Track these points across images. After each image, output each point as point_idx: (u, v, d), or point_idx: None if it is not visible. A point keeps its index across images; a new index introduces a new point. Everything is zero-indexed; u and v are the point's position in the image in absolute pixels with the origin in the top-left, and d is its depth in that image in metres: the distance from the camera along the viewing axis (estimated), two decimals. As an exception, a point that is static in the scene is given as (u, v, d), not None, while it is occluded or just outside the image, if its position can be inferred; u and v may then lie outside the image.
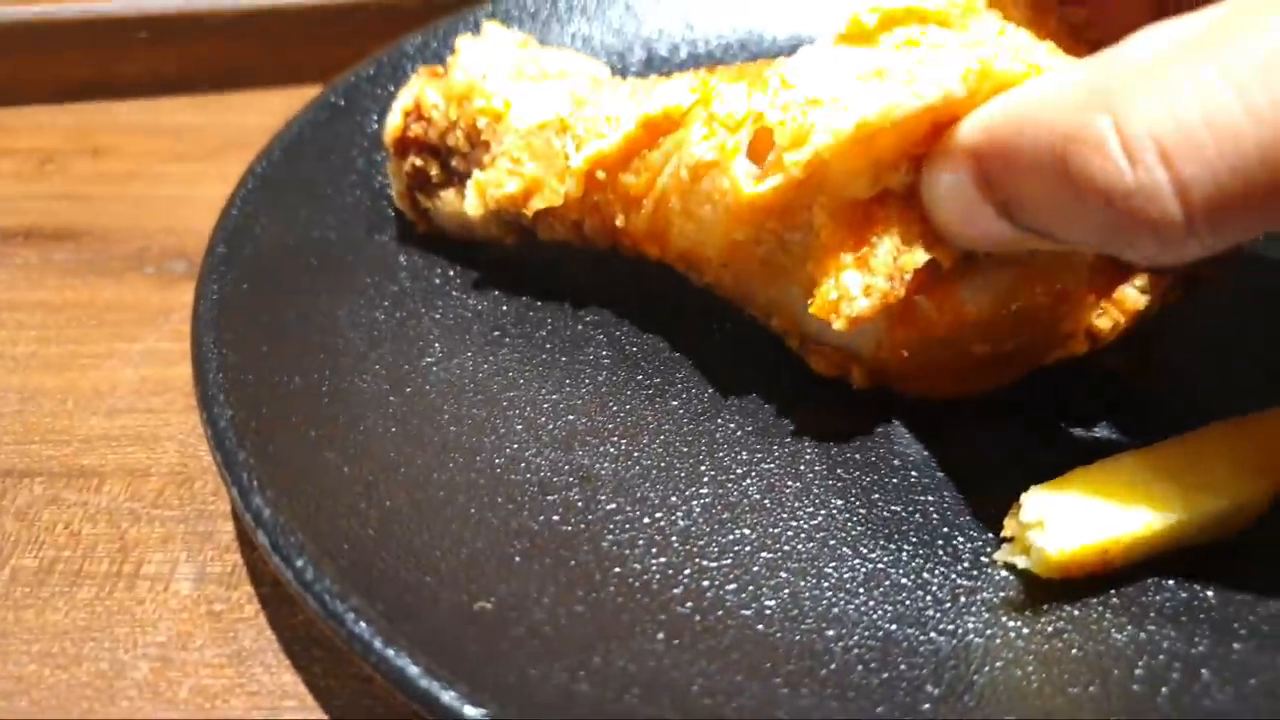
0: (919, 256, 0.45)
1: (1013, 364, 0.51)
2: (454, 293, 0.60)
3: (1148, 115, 0.34)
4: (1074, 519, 0.45)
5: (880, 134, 0.43)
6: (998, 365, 0.51)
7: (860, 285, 0.45)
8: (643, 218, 0.54)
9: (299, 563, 0.41)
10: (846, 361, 0.53)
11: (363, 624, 0.39)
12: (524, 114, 0.56)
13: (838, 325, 0.46)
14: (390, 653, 0.38)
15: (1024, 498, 0.46)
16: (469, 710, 0.37)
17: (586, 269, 0.62)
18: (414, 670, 0.38)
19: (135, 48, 0.84)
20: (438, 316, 0.58)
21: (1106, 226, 0.37)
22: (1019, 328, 0.49)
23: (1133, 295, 0.48)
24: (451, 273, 0.61)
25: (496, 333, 0.58)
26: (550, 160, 0.56)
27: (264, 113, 0.73)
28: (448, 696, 0.37)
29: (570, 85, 0.58)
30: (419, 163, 0.60)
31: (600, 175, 0.54)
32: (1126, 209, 0.35)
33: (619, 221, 0.55)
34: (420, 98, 0.60)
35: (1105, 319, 0.48)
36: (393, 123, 0.60)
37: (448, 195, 0.60)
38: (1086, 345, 0.49)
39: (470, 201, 0.58)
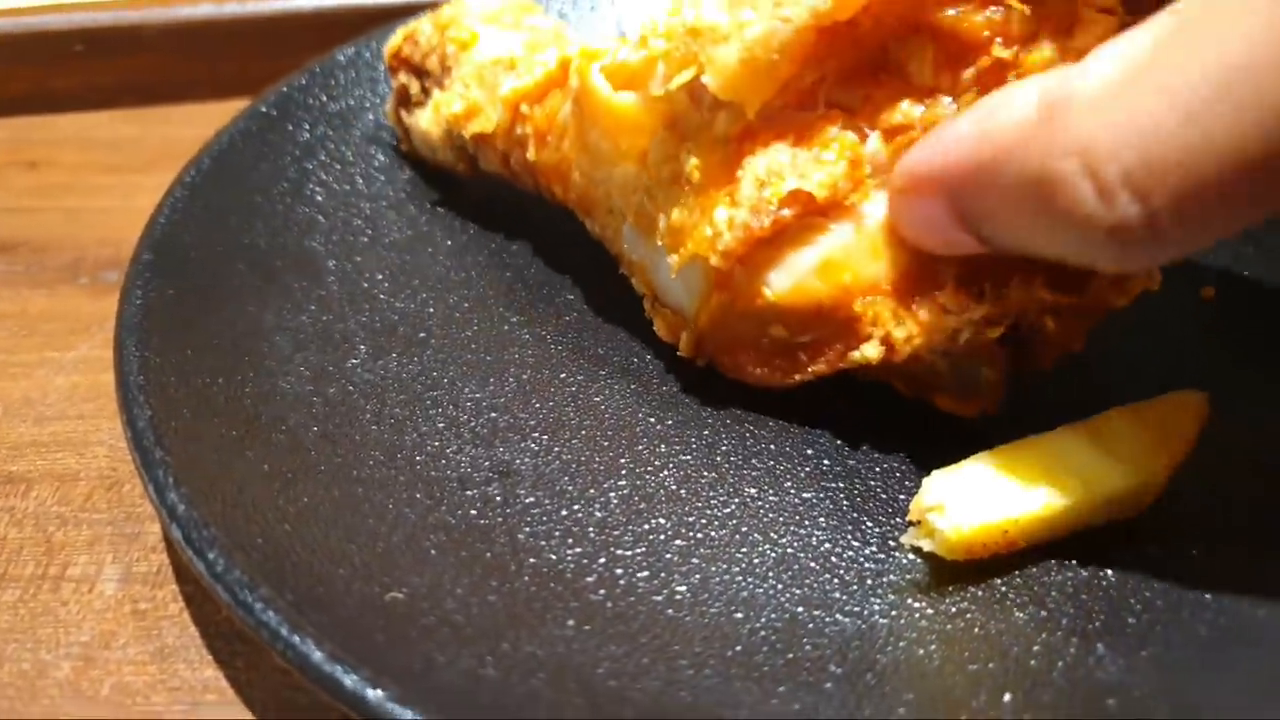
0: (779, 188, 0.47)
1: (814, 357, 0.51)
2: (381, 295, 0.61)
3: (1114, 155, 0.36)
4: (974, 501, 0.46)
5: (769, 63, 0.46)
6: (799, 353, 0.51)
7: (725, 220, 0.48)
8: (548, 154, 0.57)
9: (211, 555, 0.42)
10: (679, 327, 0.54)
11: (270, 612, 0.40)
12: (485, 49, 0.62)
13: (713, 260, 0.49)
14: (296, 639, 0.39)
15: (926, 481, 0.47)
16: (370, 693, 0.37)
17: (515, 269, 0.63)
18: (318, 656, 0.38)
19: (71, 61, 0.85)
20: (364, 319, 0.59)
21: (1082, 248, 0.39)
22: (817, 318, 0.50)
23: (928, 308, 0.48)
24: (380, 276, 0.62)
25: (422, 334, 0.59)
26: (492, 90, 0.60)
27: (201, 125, 0.74)
28: (350, 680, 0.38)
29: (533, 37, 0.62)
30: (405, 81, 0.66)
31: (525, 109, 0.58)
32: (1103, 238, 0.37)
33: (530, 155, 0.58)
34: (417, 24, 0.67)
35: (902, 329, 0.48)
36: (393, 40, 0.67)
37: (419, 114, 0.66)
38: (881, 352, 0.48)
39: (427, 115, 0.65)
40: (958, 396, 0.52)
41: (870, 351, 0.49)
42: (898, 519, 0.50)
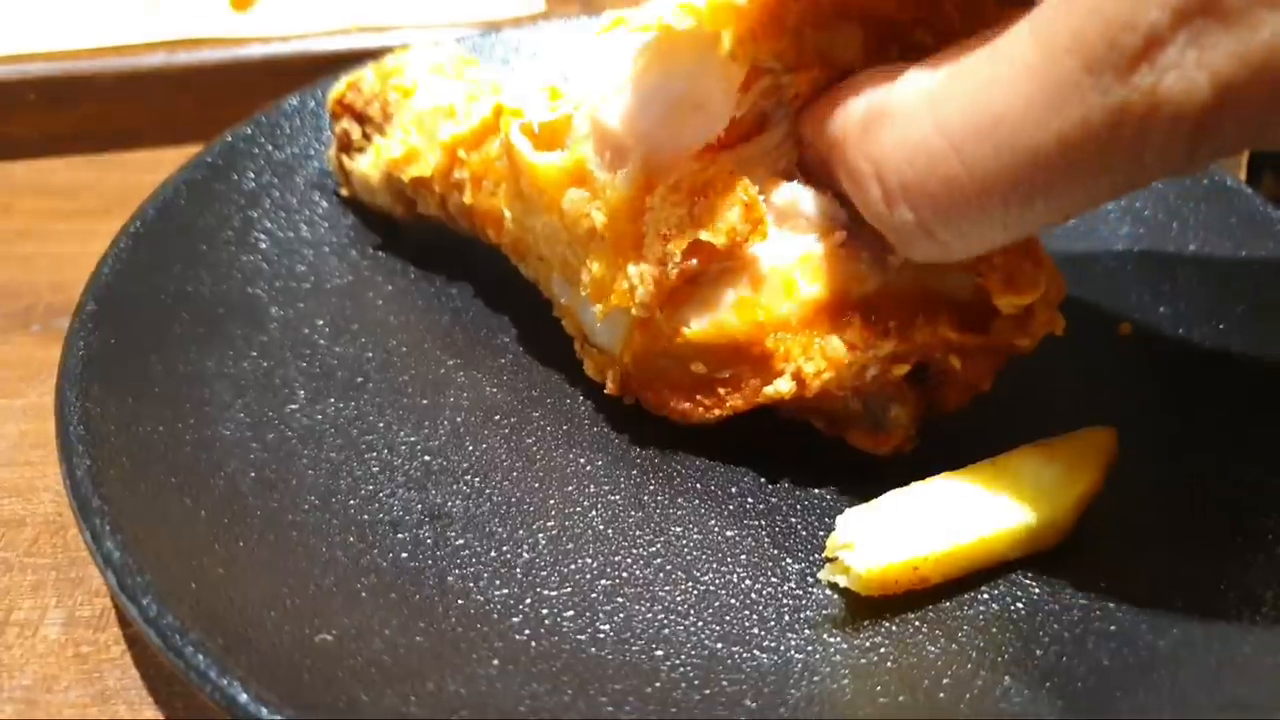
0: (683, 240, 0.49)
1: (732, 392, 0.53)
2: (321, 341, 0.62)
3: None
4: (884, 538, 0.47)
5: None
6: (718, 388, 0.53)
7: (637, 274, 0.50)
8: (483, 198, 0.59)
9: (144, 601, 0.43)
10: (607, 366, 0.56)
11: (200, 656, 0.41)
12: (426, 97, 0.64)
13: (634, 311, 0.51)
14: (224, 681, 0.40)
15: (839, 519, 0.49)
16: (294, 733, 0.39)
17: (453, 313, 0.65)
18: (244, 698, 0.40)
19: (24, 110, 0.86)
20: (303, 365, 0.60)
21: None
22: (734, 355, 0.52)
23: (835, 344, 0.50)
24: (321, 322, 0.64)
25: (359, 379, 0.60)
26: (431, 137, 0.62)
27: (154, 170, 0.75)
28: (275, 721, 0.39)
29: (472, 88, 0.64)
30: (347, 126, 0.69)
31: (462, 154, 0.60)
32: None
33: (466, 199, 0.60)
34: (360, 73, 0.69)
35: (812, 364, 0.50)
36: (337, 87, 0.70)
37: (360, 158, 0.68)
38: (793, 387, 0.51)
39: (368, 159, 0.67)
40: (871, 435, 0.53)
41: (783, 386, 0.51)
42: (816, 555, 0.51)
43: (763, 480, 0.55)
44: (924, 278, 0.51)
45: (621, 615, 0.49)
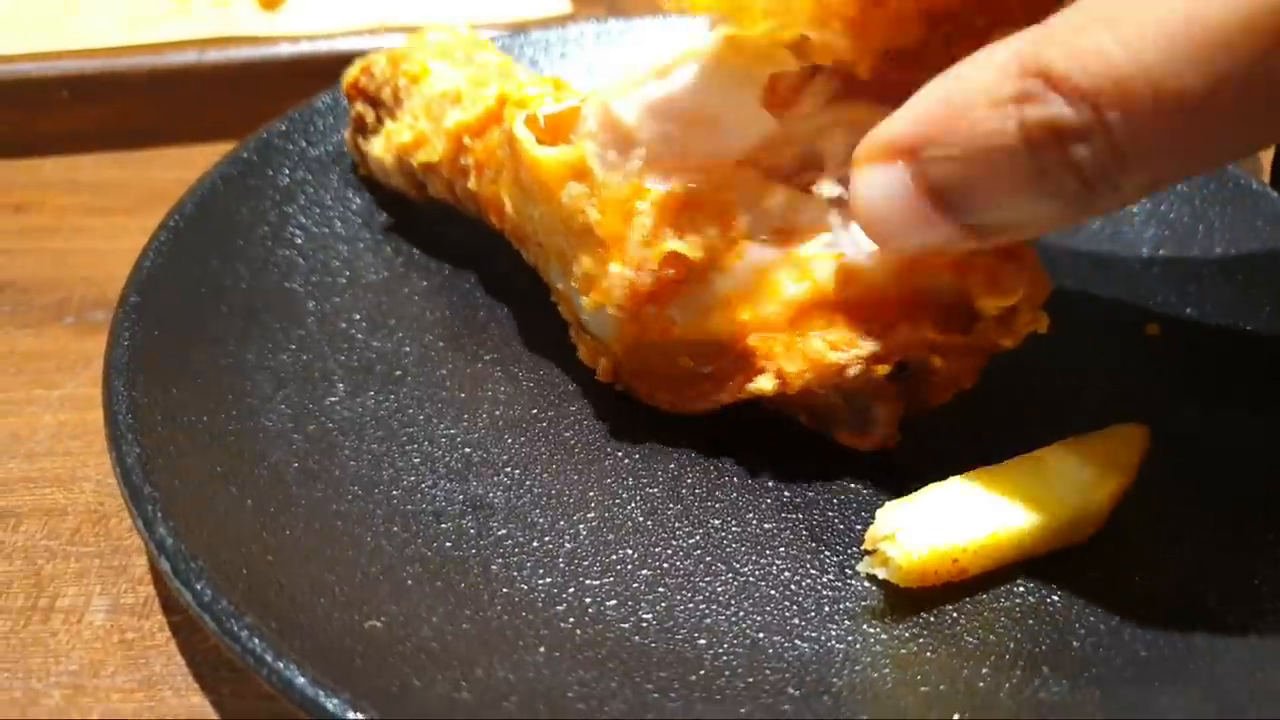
0: (662, 249, 0.50)
1: (718, 387, 0.54)
2: (358, 335, 0.63)
3: (1085, 65, 0.37)
4: (924, 530, 0.48)
5: None
6: (705, 383, 0.55)
7: (617, 275, 0.51)
8: (485, 185, 0.60)
9: (198, 586, 0.44)
10: (600, 354, 0.57)
11: (256, 640, 0.42)
12: (434, 83, 0.64)
13: (610, 310, 0.52)
14: (280, 665, 0.41)
15: (879, 512, 0.49)
16: (351, 715, 0.40)
17: (488, 309, 0.66)
18: (301, 680, 0.41)
19: (56, 107, 0.87)
20: (342, 358, 0.61)
21: (1049, 182, 0.39)
22: (717, 351, 0.53)
23: (818, 346, 0.51)
24: (357, 316, 0.64)
25: (398, 372, 0.61)
26: (438, 122, 0.63)
27: (184, 167, 0.76)
28: (332, 704, 0.40)
29: (480, 72, 0.64)
30: (361, 109, 0.70)
31: (467, 141, 0.60)
32: (1065, 156, 0.38)
33: (471, 185, 0.61)
34: (374, 57, 0.70)
35: (793, 364, 0.51)
36: (350, 71, 0.71)
37: (374, 141, 0.69)
38: (774, 385, 0.52)
39: (379, 143, 0.68)
40: (854, 431, 0.55)
41: (765, 384, 0.52)
42: (854, 548, 0.52)
43: (798, 475, 0.56)
44: (907, 278, 0.51)
45: (664, 605, 0.49)
